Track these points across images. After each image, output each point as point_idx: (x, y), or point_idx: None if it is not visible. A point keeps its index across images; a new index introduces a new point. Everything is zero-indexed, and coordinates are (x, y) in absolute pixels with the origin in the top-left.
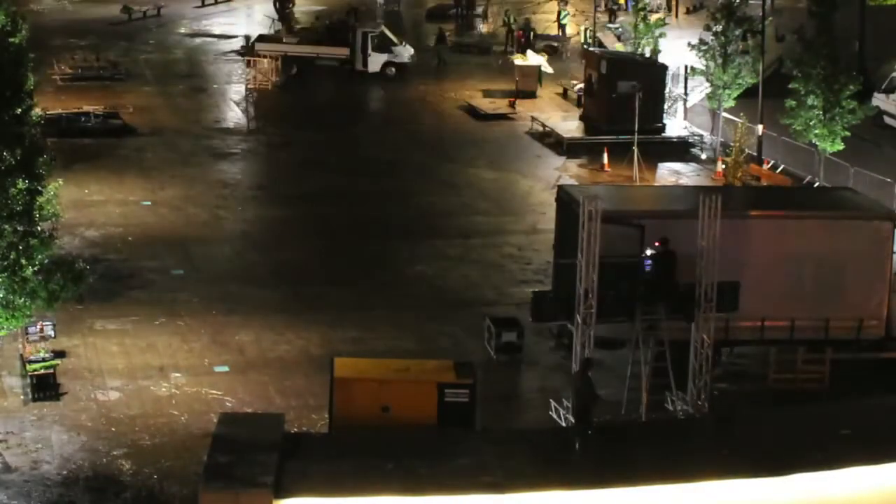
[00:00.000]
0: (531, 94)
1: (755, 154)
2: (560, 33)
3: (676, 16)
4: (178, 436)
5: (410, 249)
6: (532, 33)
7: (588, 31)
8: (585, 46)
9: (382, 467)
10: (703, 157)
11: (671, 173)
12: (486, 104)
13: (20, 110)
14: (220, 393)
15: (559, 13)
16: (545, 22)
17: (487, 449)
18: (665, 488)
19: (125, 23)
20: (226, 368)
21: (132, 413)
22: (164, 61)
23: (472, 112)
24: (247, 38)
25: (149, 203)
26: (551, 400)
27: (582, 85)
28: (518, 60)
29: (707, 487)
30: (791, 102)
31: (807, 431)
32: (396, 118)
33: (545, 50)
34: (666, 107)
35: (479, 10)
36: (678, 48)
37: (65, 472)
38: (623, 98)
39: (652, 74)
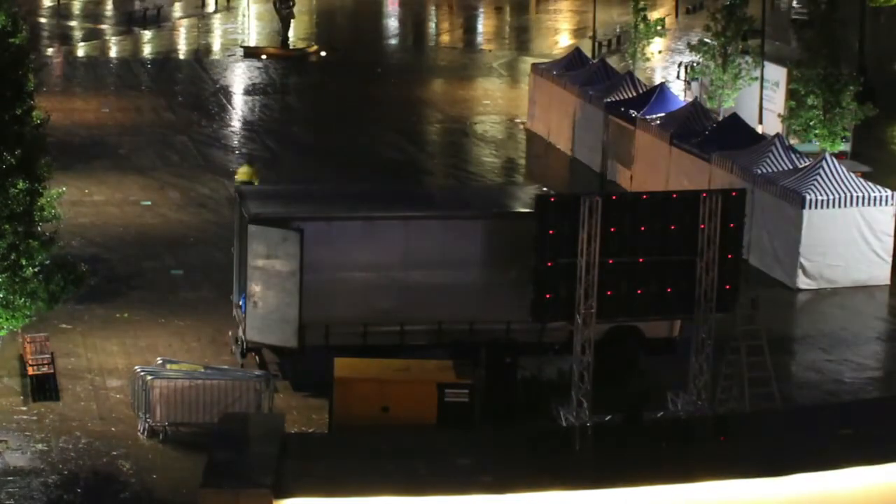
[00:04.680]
0: None
1: None
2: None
3: (677, 16)
4: (177, 436)
5: None
6: None
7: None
8: None
9: (382, 467)
10: None
11: None
12: None
13: (20, 111)
14: None
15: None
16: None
17: (487, 449)
18: (665, 488)
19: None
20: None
21: (132, 413)
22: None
23: None
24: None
25: (149, 203)
26: (551, 400)
27: None
28: None
29: (707, 487)
30: (791, 102)
31: (807, 431)
32: None
33: None
34: None
35: None
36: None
37: (65, 473)
38: None
39: None
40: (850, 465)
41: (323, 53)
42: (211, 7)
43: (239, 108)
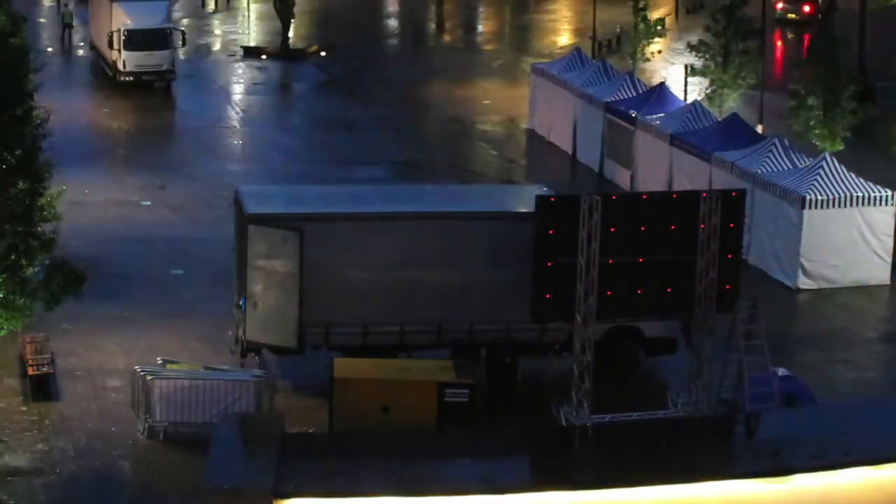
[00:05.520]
0: None
1: None
2: None
3: (677, 16)
4: (178, 436)
5: None
6: None
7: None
8: None
9: (382, 467)
10: None
11: None
12: None
13: (20, 111)
14: None
15: None
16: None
17: (487, 449)
18: (665, 488)
19: None
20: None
21: (132, 413)
22: None
23: None
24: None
25: (149, 203)
26: (551, 400)
27: None
28: None
29: (707, 487)
30: (792, 103)
31: (807, 431)
32: None
33: None
34: None
35: None
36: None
37: (65, 473)
38: None
39: None
40: (850, 465)
41: (323, 53)
42: (211, 7)
43: (239, 107)
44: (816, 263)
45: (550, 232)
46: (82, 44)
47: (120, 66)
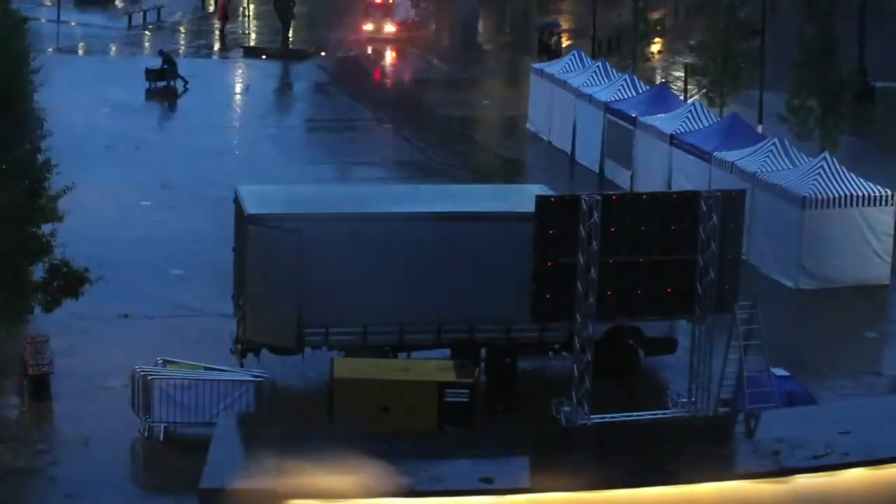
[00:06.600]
0: None
1: None
2: None
3: (677, 16)
4: (177, 436)
5: None
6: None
7: None
8: None
9: (382, 468)
10: None
11: None
12: None
13: (20, 111)
14: None
15: None
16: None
17: (487, 449)
18: (665, 488)
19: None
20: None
21: (132, 413)
22: None
23: None
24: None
25: (148, 203)
26: (551, 400)
27: None
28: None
29: (707, 487)
30: (793, 102)
31: (807, 431)
32: None
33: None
34: None
35: None
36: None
37: (65, 473)
38: None
39: None
40: (850, 466)
41: (323, 53)
42: (211, 7)
43: (239, 107)
44: (816, 263)
45: (550, 232)
46: (82, 43)
47: None
